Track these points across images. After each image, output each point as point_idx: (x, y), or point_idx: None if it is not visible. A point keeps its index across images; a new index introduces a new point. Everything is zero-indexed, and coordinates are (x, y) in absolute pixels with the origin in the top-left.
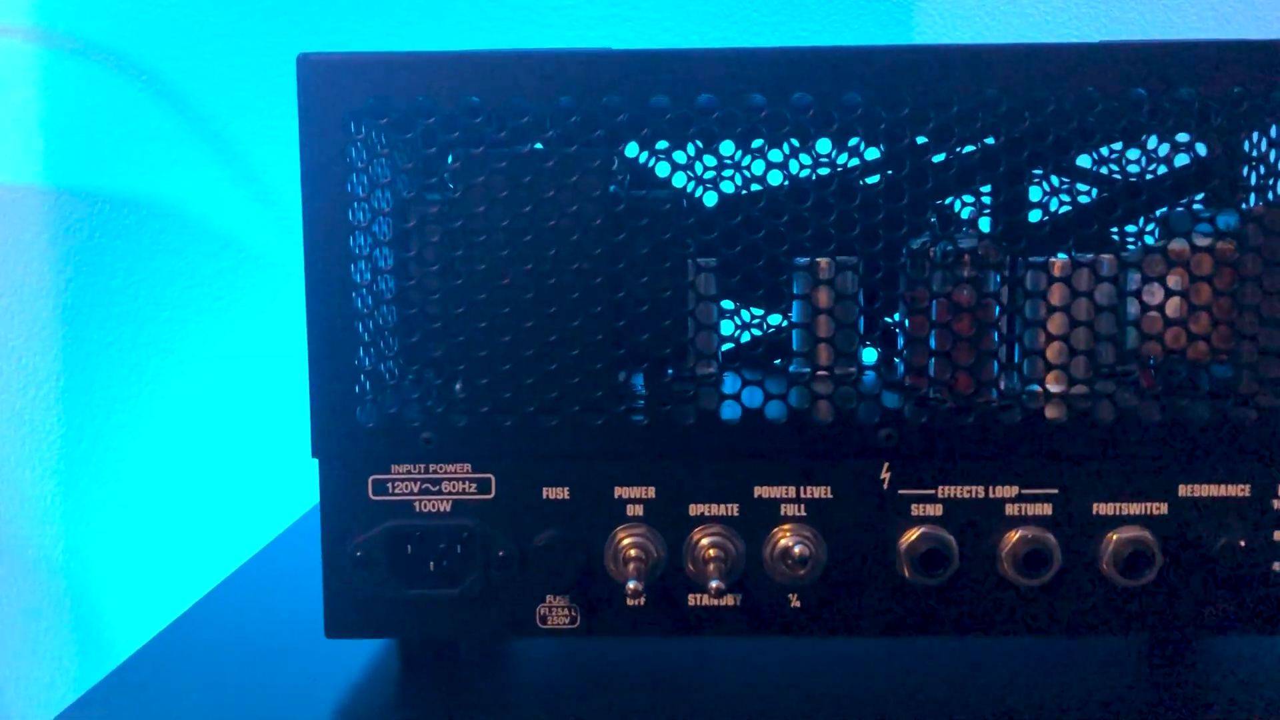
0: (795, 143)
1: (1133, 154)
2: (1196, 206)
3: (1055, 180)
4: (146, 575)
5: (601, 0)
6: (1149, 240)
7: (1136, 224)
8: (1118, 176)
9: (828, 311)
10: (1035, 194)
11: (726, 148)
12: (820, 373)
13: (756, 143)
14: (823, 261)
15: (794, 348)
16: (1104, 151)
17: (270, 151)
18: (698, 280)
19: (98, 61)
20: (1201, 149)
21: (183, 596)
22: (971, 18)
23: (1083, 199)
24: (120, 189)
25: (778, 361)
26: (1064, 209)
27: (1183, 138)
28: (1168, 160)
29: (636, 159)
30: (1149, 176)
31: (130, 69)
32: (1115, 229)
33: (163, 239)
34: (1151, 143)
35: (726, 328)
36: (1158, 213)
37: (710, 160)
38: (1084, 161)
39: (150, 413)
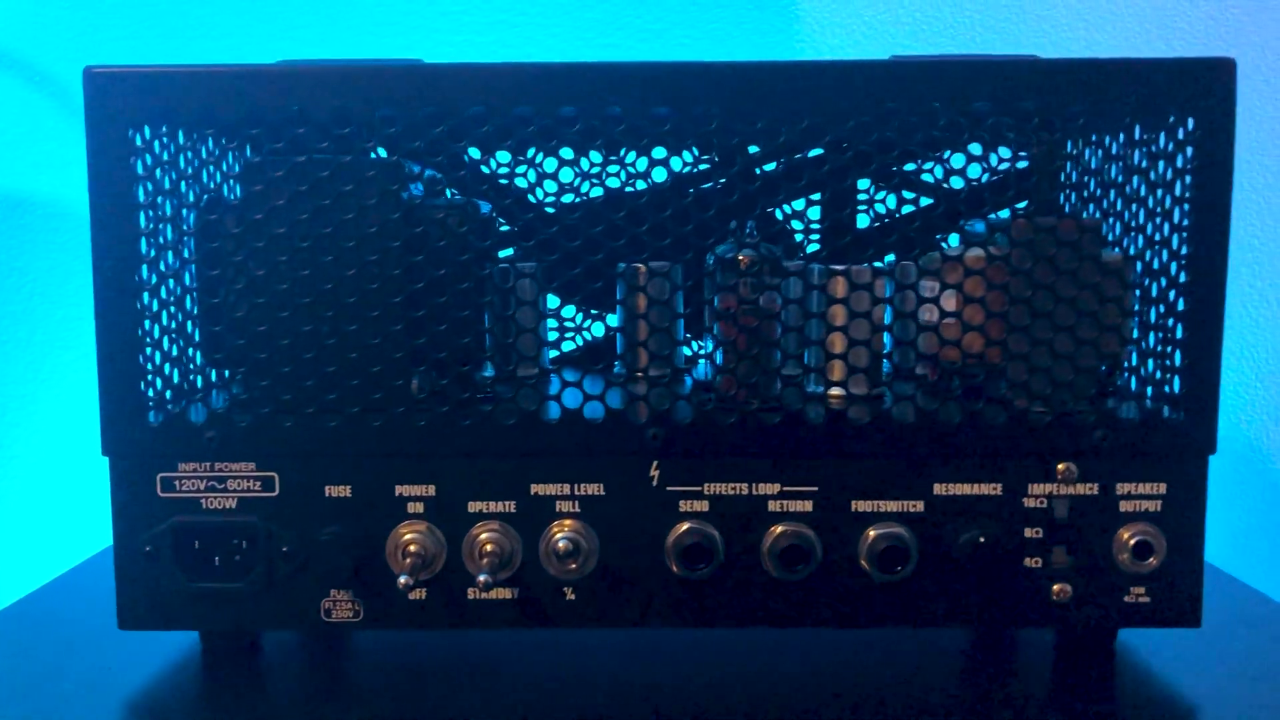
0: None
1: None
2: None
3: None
4: (47, 570)
5: (489, 7)
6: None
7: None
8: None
9: (613, 316)
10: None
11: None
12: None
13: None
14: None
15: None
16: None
17: None
18: (482, 286)
19: None
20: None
21: None
22: (849, 26)
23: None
24: (14, 189)
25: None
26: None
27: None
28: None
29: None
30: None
31: (23, 70)
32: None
33: (58, 238)
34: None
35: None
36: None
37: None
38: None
39: (47, 410)
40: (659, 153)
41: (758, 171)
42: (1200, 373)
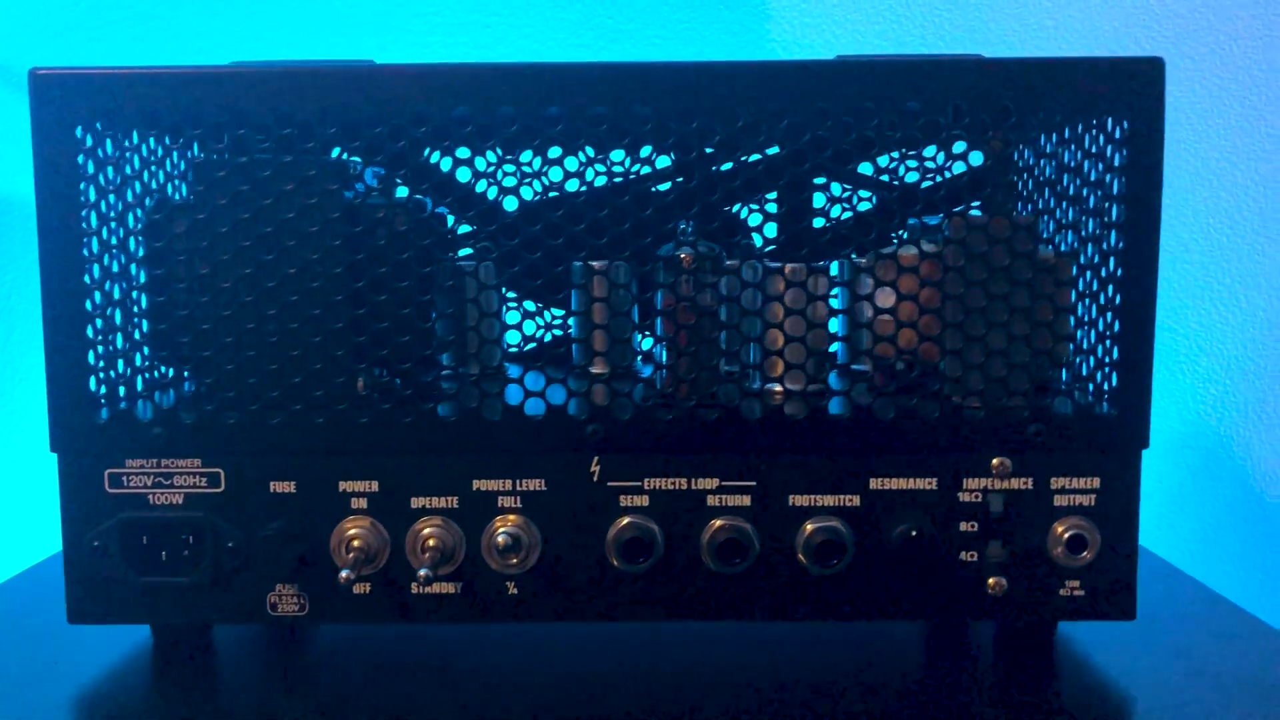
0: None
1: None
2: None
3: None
4: (24, 567)
5: (462, 7)
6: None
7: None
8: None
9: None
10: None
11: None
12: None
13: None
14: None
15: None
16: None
17: None
18: (426, 284)
19: None
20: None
21: None
22: (820, 25)
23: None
24: None
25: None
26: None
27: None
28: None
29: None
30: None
31: (1, 70)
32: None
33: (36, 238)
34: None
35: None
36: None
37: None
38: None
39: (25, 408)
40: (601, 152)
41: (709, 170)
42: (1133, 368)
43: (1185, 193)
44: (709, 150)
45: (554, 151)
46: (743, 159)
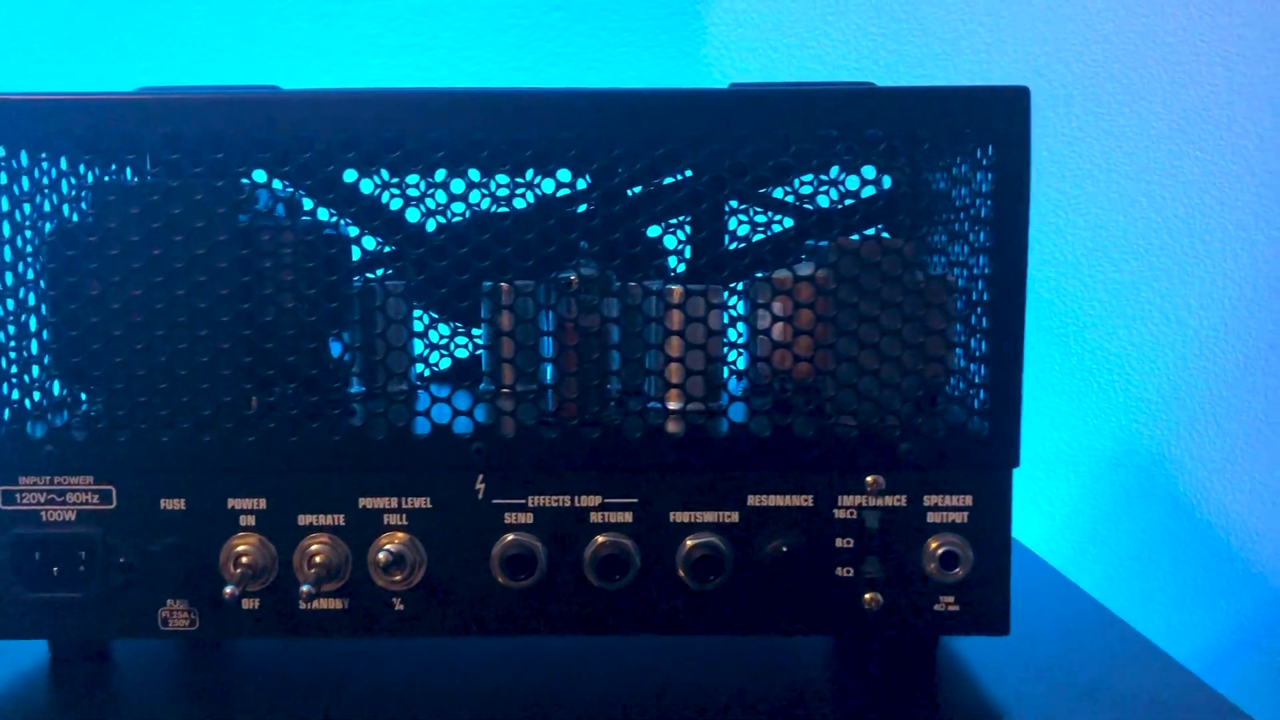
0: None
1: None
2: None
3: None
4: None
5: (404, 30)
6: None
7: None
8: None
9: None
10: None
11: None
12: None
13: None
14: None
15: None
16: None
17: None
18: (314, 305)
19: None
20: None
21: None
22: (757, 51)
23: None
24: None
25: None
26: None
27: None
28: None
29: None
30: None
31: None
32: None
33: None
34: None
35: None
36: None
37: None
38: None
39: None
40: (485, 175)
41: (594, 195)
42: (1003, 387)
43: (1115, 214)
44: (591, 177)
45: (440, 175)
46: (631, 185)
